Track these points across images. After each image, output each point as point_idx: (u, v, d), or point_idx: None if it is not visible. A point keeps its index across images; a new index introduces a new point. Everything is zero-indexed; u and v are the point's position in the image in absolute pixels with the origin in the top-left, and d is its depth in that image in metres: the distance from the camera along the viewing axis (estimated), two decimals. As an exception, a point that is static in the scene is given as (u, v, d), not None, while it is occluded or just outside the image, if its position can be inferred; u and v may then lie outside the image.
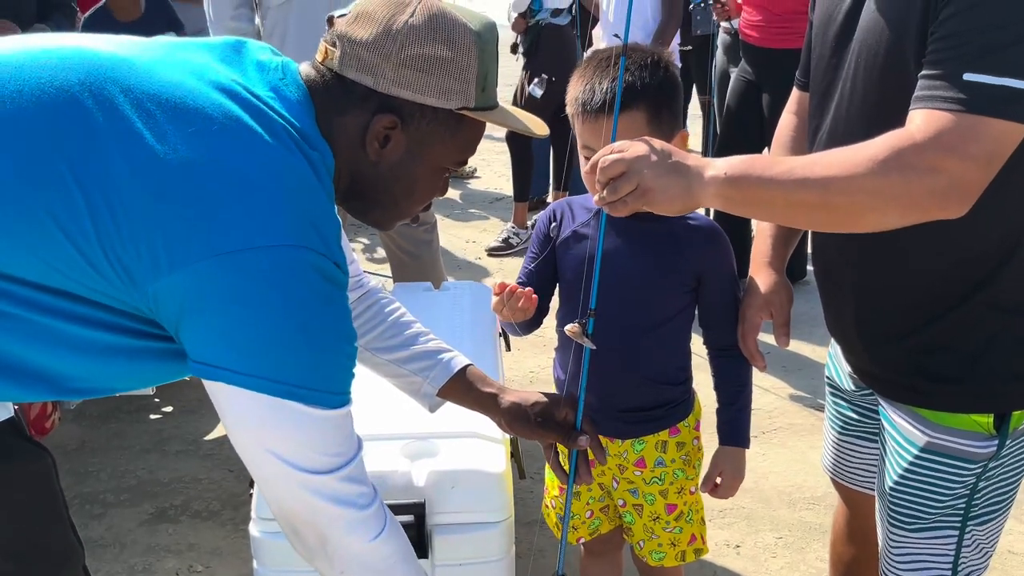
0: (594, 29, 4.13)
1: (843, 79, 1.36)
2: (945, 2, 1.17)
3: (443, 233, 3.73)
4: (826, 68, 1.41)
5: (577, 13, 5.41)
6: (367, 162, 1.20)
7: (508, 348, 2.62)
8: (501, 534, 1.82)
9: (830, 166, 1.19)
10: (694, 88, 5.90)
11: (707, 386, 1.75)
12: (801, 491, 2.78)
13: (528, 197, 5.17)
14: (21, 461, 1.29)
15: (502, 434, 1.75)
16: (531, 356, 3.60)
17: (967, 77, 1.13)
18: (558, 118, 4.88)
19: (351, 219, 4.00)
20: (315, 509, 1.15)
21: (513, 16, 4.79)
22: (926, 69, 1.18)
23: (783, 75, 3.09)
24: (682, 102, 1.70)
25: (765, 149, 4.03)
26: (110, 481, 2.84)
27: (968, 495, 1.42)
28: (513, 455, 2.20)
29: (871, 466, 1.66)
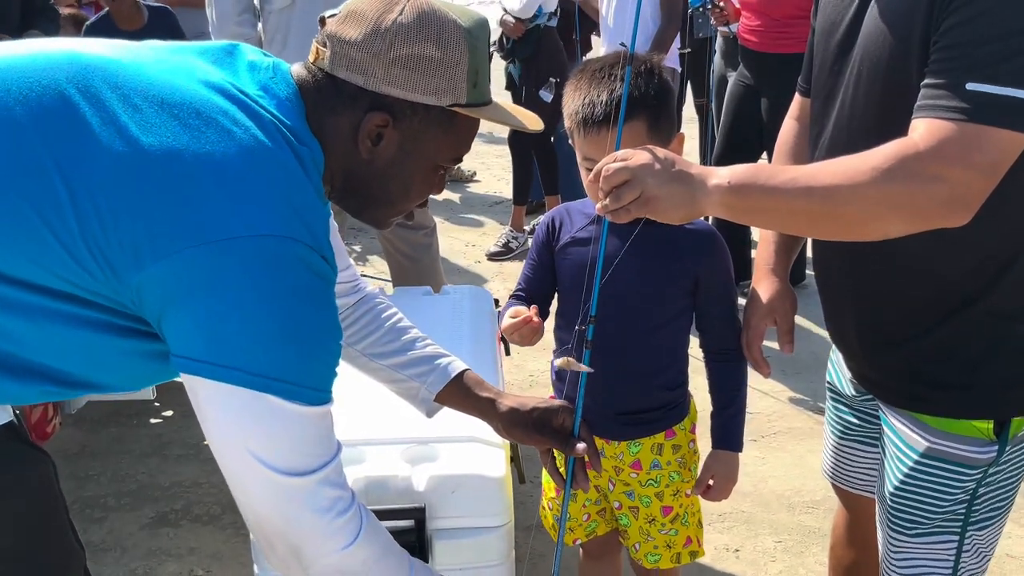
0: (592, 34, 4.14)
1: (845, 86, 1.37)
2: (948, 12, 1.17)
3: (442, 236, 3.73)
4: (828, 75, 1.42)
5: (576, 18, 5.42)
6: (360, 160, 1.20)
7: (508, 352, 2.62)
8: (501, 538, 1.83)
9: (834, 175, 1.19)
10: (689, 92, 5.90)
11: (704, 389, 1.76)
12: (800, 495, 2.79)
13: (527, 201, 5.17)
14: (21, 465, 1.29)
15: (502, 439, 1.76)
16: (531, 360, 3.61)
17: (970, 87, 1.13)
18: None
19: (349, 223, 4.01)
20: (288, 518, 1.11)
21: (512, 21, 4.76)
22: (929, 78, 1.18)
23: (781, 80, 3.11)
24: (676, 105, 1.71)
25: (764, 153, 4.04)
26: (111, 485, 2.85)
27: (968, 500, 1.43)
28: (513, 460, 2.20)
29: (871, 470, 1.66)
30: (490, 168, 6.78)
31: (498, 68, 4.45)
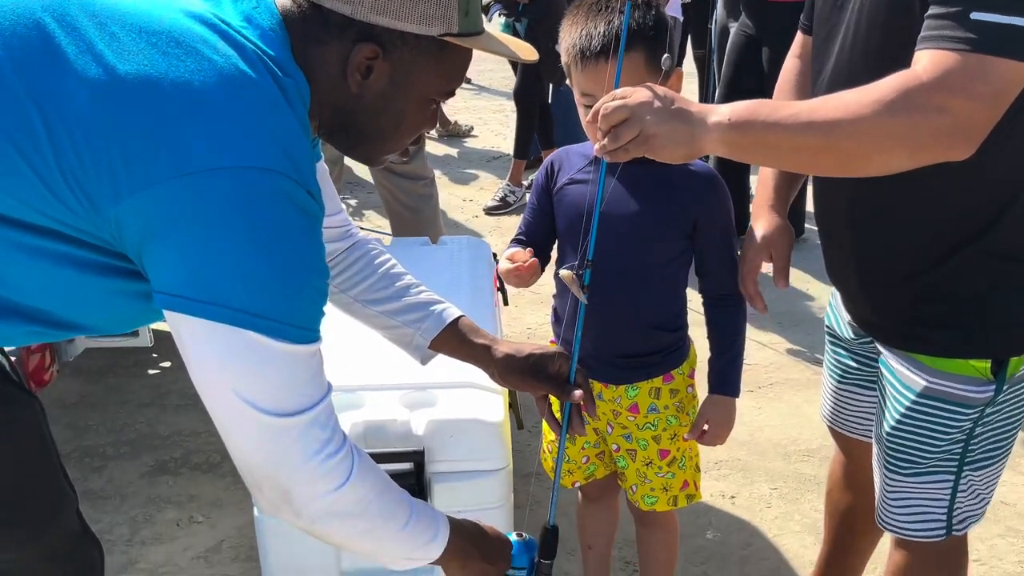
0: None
1: (846, 21, 1.35)
2: None
3: (440, 191, 3.71)
4: (830, 10, 1.40)
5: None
6: (350, 95, 1.16)
7: (506, 303, 2.62)
8: (499, 482, 1.84)
9: (836, 109, 1.18)
10: (689, 42, 5.84)
11: (705, 337, 1.75)
12: (796, 444, 2.81)
13: (528, 155, 5.14)
14: (8, 406, 1.28)
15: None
16: (529, 312, 3.61)
17: (975, 16, 1.11)
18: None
19: (347, 177, 3.94)
20: (276, 460, 1.09)
21: None
22: (932, 8, 1.16)
23: (783, 29, 3.05)
24: (676, 41, 1.69)
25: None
26: (109, 435, 2.85)
27: (965, 440, 1.43)
28: (511, 406, 2.21)
29: (869, 414, 1.67)
30: (487, 123, 6.73)
31: (493, 28, 4.38)
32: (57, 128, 1.01)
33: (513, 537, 1.34)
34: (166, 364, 3.28)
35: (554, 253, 1.79)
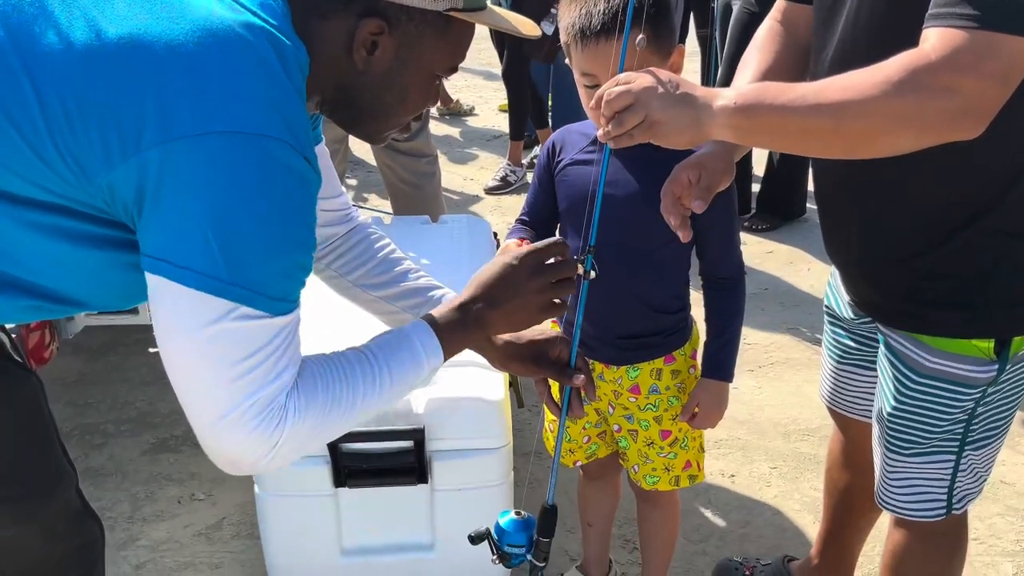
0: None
1: (850, -1, 1.33)
2: None
3: (441, 170, 3.69)
4: None
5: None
6: (355, 71, 1.15)
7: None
8: (499, 460, 1.84)
9: (843, 90, 1.16)
10: (692, 22, 5.79)
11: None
12: (796, 423, 2.81)
13: (523, 135, 5.12)
14: (4, 382, 1.28)
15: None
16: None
17: None
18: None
19: (351, 156, 3.90)
20: (219, 437, 1.06)
21: None
22: None
23: (787, 5, 3.03)
24: (677, 18, 1.66)
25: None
26: (110, 412, 2.86)
27: (967, 420, 1.43)
28: (512, 384, 2.21)
29: (868, 394, 1.67)
30: (488, 102, 6.70)
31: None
32: (49, 96, 0.99)
33: (511, 515, 1.34)
34: (166, 342, 3.28)
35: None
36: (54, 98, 0.99)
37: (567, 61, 1.61)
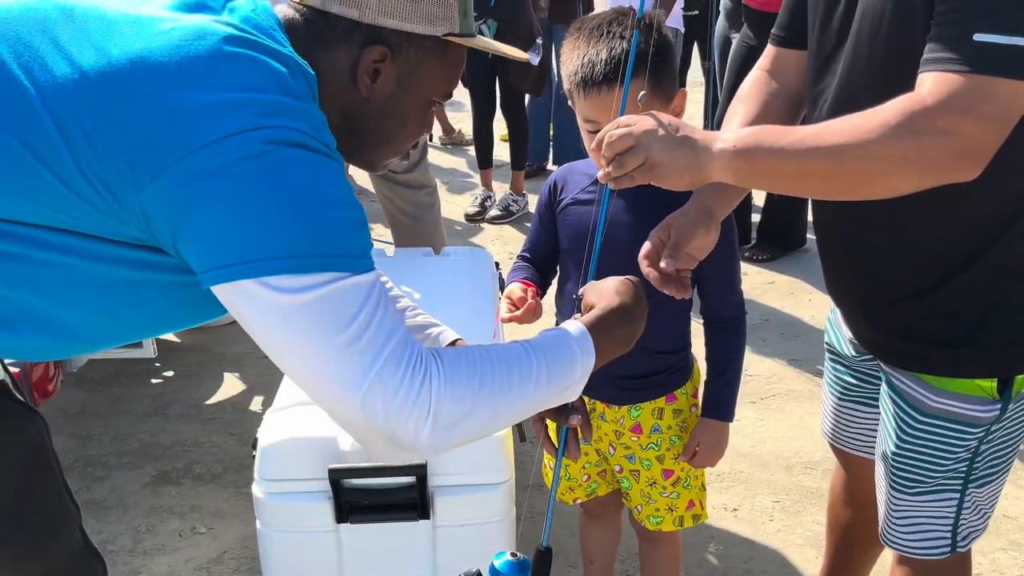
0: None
1: (847, 44, 1.35)
2: None
3: (442, 201, 3.72)
4: (829, 33, 1.39)
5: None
6: (359, 99, 1.17)
7: (508, 314, 2.62)
8: (502, 496, 1.84)
9: (842, 133, 1.17)
10: (695, 53, 5.84)
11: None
12: (799, 456, 2.81)
13: (524, 165, 5.15)
14: (12, 423, 1.27)
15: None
16: (530, 326, 3.60)
17: (977, 38, 1.11)
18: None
19: (355, 185, 3.90)
20: (366, 419, 1.02)
21: None
22: (935, 30, 1.17)
23: (786, 40, 3.06)
24: (677, 62, 1.67)
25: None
26: (112, 444, 2.86)
27: (970, 459, 1.43)
28: (513, 419, 2.21)
29: (870, 431, 1.67)
30: (490, 131, 6.74)
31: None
32: (68, 124, 1.00)
33: (507, 557, 1.34)
34: (169, 374, 3.29)
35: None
36: (73, 125, 1.00)
37: (570, 103, 1.63)
